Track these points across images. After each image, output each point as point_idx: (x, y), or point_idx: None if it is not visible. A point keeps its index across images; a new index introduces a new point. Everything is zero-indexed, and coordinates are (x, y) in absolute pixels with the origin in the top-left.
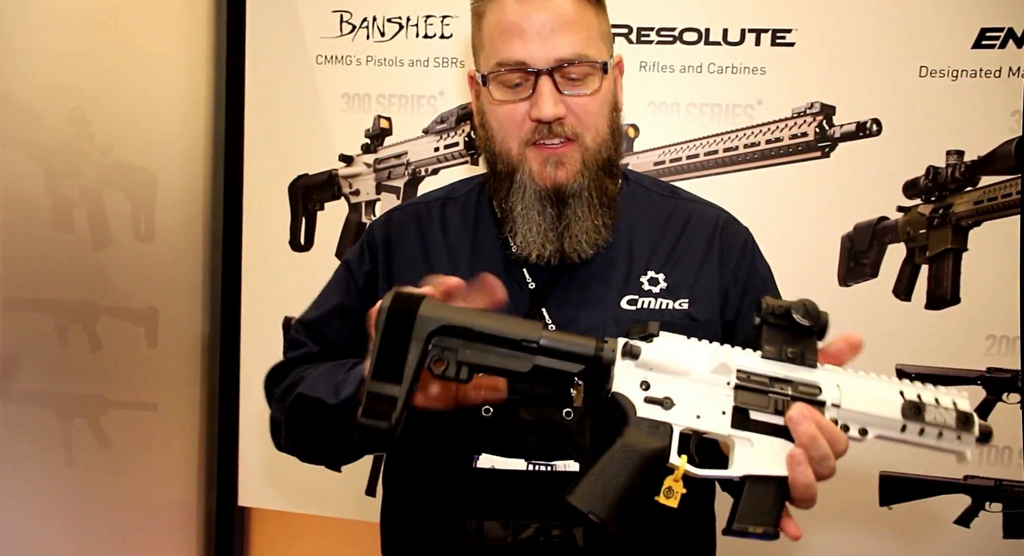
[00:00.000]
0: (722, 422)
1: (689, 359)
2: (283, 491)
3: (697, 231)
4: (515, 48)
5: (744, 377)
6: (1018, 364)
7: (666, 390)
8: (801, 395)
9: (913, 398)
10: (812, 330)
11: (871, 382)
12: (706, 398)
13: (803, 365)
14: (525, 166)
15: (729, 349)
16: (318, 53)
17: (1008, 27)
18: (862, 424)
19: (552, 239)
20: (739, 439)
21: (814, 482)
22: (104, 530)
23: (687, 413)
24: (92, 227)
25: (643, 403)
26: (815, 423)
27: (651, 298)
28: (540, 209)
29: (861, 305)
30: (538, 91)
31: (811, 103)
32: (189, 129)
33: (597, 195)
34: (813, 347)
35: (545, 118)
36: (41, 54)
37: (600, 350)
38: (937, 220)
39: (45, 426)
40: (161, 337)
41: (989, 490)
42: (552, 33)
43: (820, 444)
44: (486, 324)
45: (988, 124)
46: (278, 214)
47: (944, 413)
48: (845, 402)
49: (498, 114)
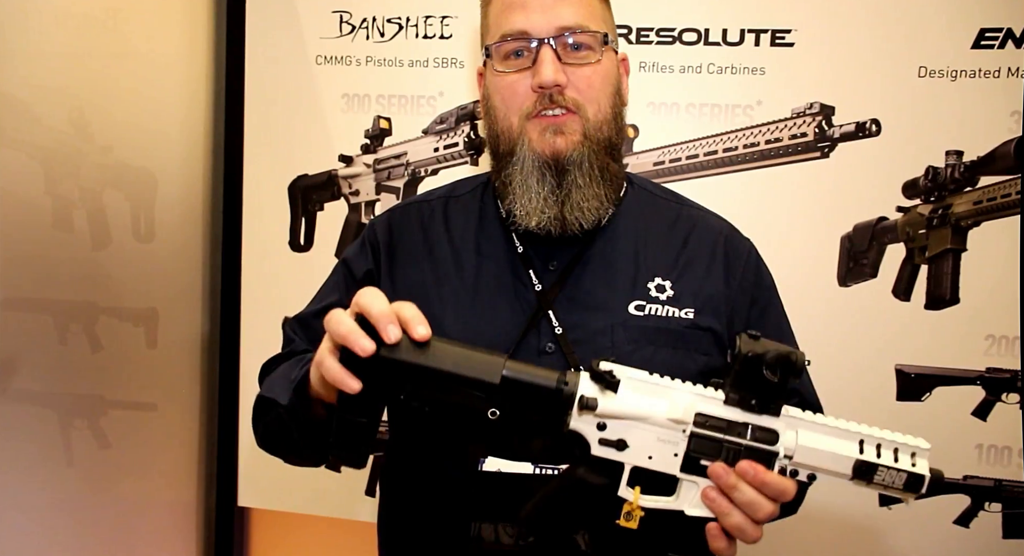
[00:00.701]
0: (673, 464)
1: (648, 407)
2: (283, 491)
3: (702, 239)
4: (517, 19)
5: (702, 420)
6: (1017, 364)
7: (622, 432)
8: (755, 443)
9: (869, 458)
10: (782, 385)
11: (832, 431)
12: (661, 441)
13: (765, 413)
14: (525, 137)
15: (693, 393)
16: (318, 53)
17: (1007, 27)
18: (812, 472)
19: (552, 205)
20: (687, 481)
21: (744, 524)
22: (104, 530)
23: (640, 454)
24: (92, 227)
25: (598, 444)
26: (756, 477)
27: (658, 305)
28: (539, 177)
29: (860, 305)
30: (539, 59)
31: (810, 103)
32: (189, 129)
33: (599, 167)
34: (781, 394)
35: (546, 83)
36: (41, 55)
37: (563, 384)
38: (936, 220)
39: (45, 426)
40: (161, 337)
41: (988, 490)
42: (555, 3)
43: (742, 491)
44: (444, 365)
45: (987, 124)
46: (278, 214)
47: (894, 475)
48: (798, 455)
49: (500, 87)
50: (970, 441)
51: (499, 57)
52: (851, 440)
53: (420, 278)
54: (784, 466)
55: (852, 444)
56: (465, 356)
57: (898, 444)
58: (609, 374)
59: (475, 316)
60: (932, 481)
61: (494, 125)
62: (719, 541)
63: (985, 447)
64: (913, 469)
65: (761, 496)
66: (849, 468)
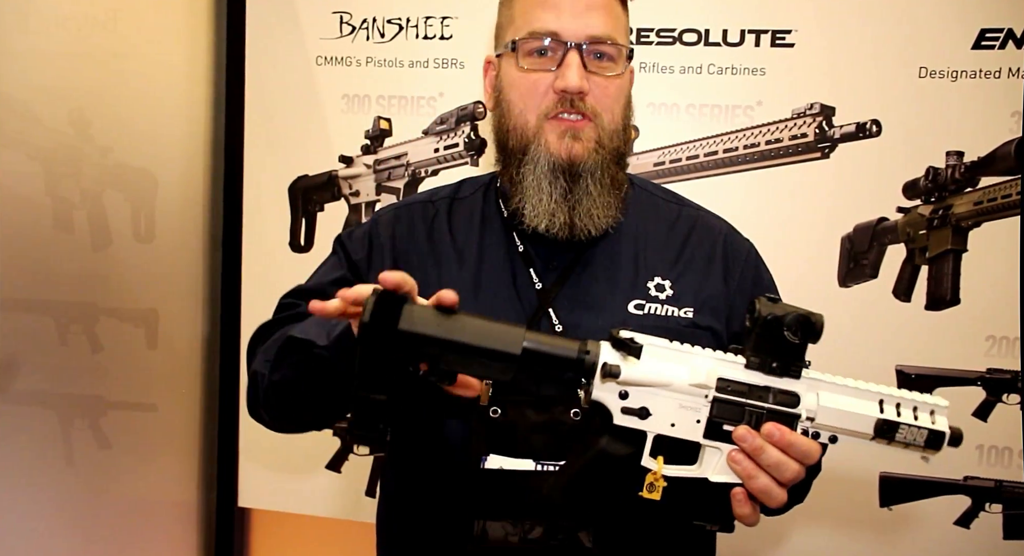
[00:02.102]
0: (696, 431)
1: (670, 373)
2: (283, 492)
3: (702, 239)
4: (549, 19)
5: (724, 385)
6: (1018, 365)
7: (644, 400)
8: (777, 406)
9: (889, 416)
10: (802, 346)
11: (852, 392)
12: (683, 408)
13: (786, 375)
14: (541, 138)
15: (714, 358)
16: (318, 54)
17: (1008, 28)
18: (833, 433)
19: (564, 210)
20: (710, 447)
21: (770, 487)
22: (104, 531)
23: (662, 422)
24: (92, 228)
25: (620, 413)
26: (782, 438)
27: (657, 304)
28: (552, 180)
29: (861, 306)
30: (566, 62)
31: (811, 104)
32: (189, 130)
33: (609, 176)
34: (801, 355)
35: (571, 88)
36: (41, 55)
37: (584, 353)
38: (937, 221)
39: (45, 427)
40: (161, 338)
41: (989, 491)
42: (587, 10)
43: (768, 453)
44: (464, 335)
45: (988, 125)
46: (278, 215)
47: (915, 432)
48: (820, 417)
49: (520, 84)
50: (971, 442)
51: (523, 53)
52: (871, 400)
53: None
54: (806, 428)
55: (872, 404)
56: (485, 328)
57: (917, 402)
58: (631, 340)
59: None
60: (952, 437)
61: (505, 119)
62: (745, 506)
63: (986, 448)
64: (933, 426)
65: (787, 457)
66: (871, 428)
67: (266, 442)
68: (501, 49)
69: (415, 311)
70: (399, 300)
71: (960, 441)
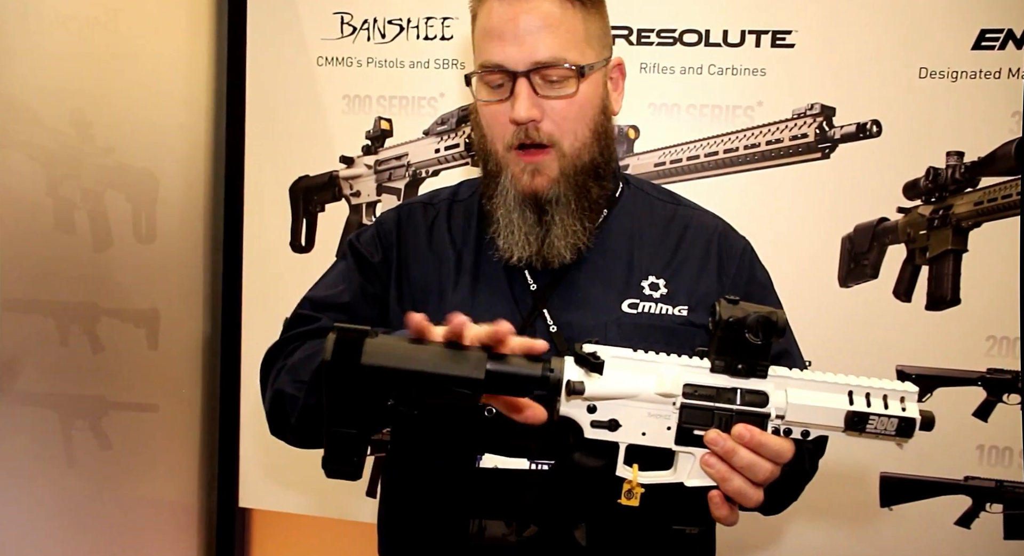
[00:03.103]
0: (667, 438)
1: (635, 384)
2: (284, 492)
3: (696, 238)
4: (494, 50)
5: (691, 391)
6: (1018, 365)
7: (612, 412)
8: (746, 407)
9: (859, 408)
10: (765, 346)
11: (821, 386)
12: (652, 416)
13: (752, 376)
14: (508, 171)
15: (679, 365)
16: (319, 55)
17: (1008, 28)
18: (804, 429)
19: (533, 242)
20: (682, 453)
21: (745, 488)
22: (105, 531)
23: (633, 432)
24: (93, 228)
25: (590, 426)
26: (752, 439)
27: (651, 303)
28: (520, 213)
29: (861, 306)
30: (515, 93)
31: (811, 104)
32: (190, 131)
33: (576, 200)
34: (765, 354)
35: (519, 119)
36: (42, 56)
37: (548, 371)
38: (937, 221)
39: (46, 427)
40: (162, 338)
41: (990, 491)
42: (529, 36)
43: (740, 455)
44: (427, 365)
45: (988, 125)
46: (279, 215)
47: (886, 422)
48: (790, 414)
49: (485, 115)
50: (971, 442)
51: (478, 86)
52: (840, 393)
53: (423, 279)
54: (777, 426)
55: (841, 396)
56: (448, 355)
57: (886, 391)
58: (592, 356)
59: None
60: (923, 421)
61: (480, 144)
62: (722, 509)
63: (986, 448)
64: (903, 413)
65: (759, 458)
66: (841, 420)
67: (266, 443)
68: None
69: (377, 345)
70: (360, 335)
71: (932, 425)
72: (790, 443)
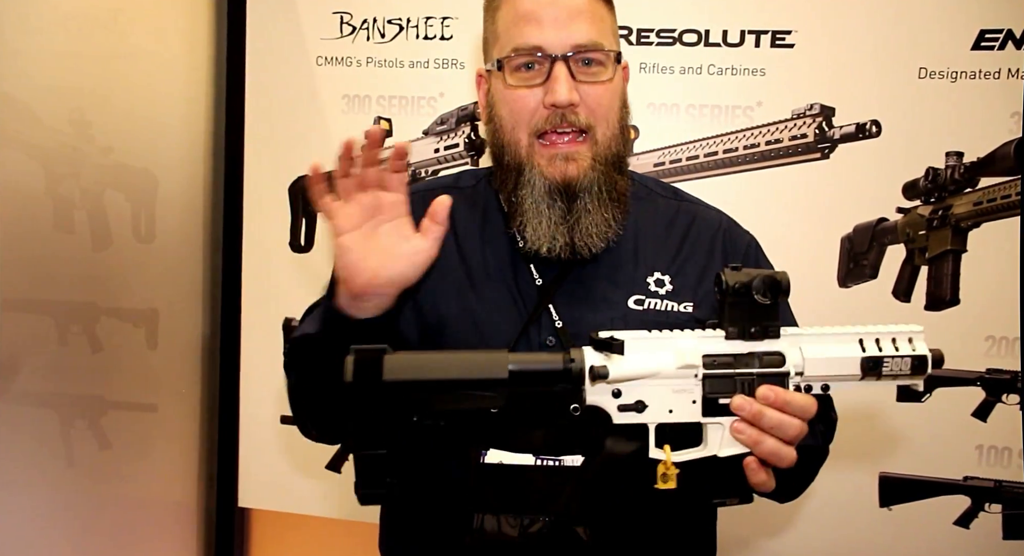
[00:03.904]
0: (694, 411)
1: (656, 362)
2: (283, 492)
3: (701, 234)
4: (531, 34)
5: (710, 361)
6: (1017, 365)
7: (637, 394)
8: (765, 369)
9: (872, 353)
10: (774, 306)
11: (832, 339)
12: (677, 391)
13: (766, 338)
14: (533, 161)
15: (695, 337)
16: (318, 54)
17: (1007, 28)
18: (824, 382)
19: (563, 232)
20: (711, 424)
21: (778, 448)
22: (104, 531)
23: (660, 410)
24: (92, 228)
25: (617, 411)
26: (778, 398)
27: (657, 300)
28: (550, 203)
29: (861, 306)
30: (553, 76)
31: (811, 104)
32: (189, 130)
33: (607, 190)
34: (775, 315)
35: (560, 103)
36: (42, 55)
37: (570, 362)
38: (936, 221)
39: (45, 427)
40: (161, 338)
41: (989, 491)
42: (569, 20)
43: (768, 416)
44: (450, 372)
45: (987, 125)
46: (278, 215)
47: (900, 362)
48: (808, 369)
49: (510, 101)
50: (970, 442)
51: (510, 70)
52: (851, 342)
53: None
54: (797, 383)
55: (853, 345)
56: (468, 360)
57: (894, 333)
58: (611, 338)
59: (477, 310)
60: (935, 359)
61: (499, 134)
62: (759, 473)
63: (985, 448)
64: (915, 351)
65: (787, 415)
66: (858, 368)
67: (266, 442)
68: (489, 65)
69: (396, 360)
70: (378, 353)
71: (942, 362)
72: (813, 399)
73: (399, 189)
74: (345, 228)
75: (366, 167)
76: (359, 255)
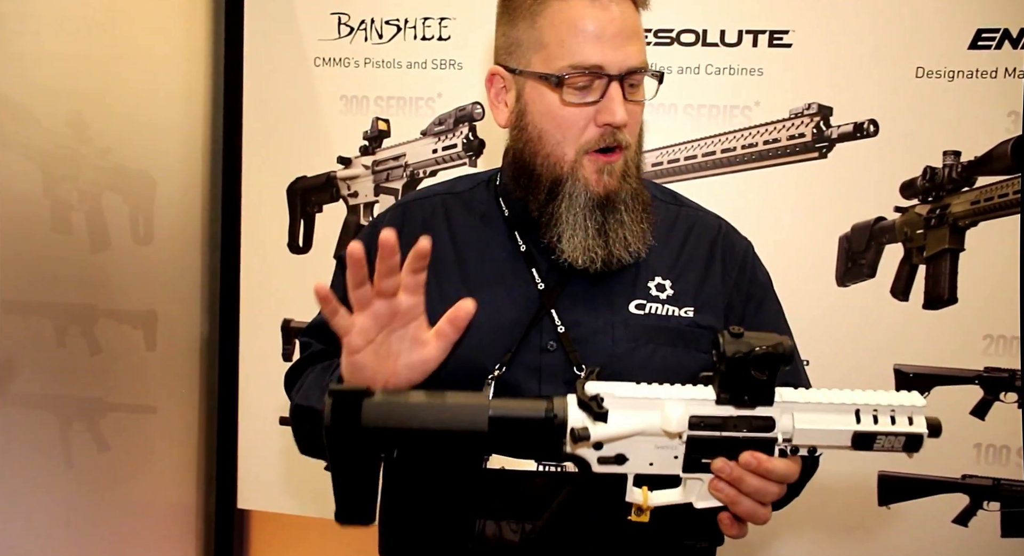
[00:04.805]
0: (675, 466)
1: (640, 423)
2: (282, 493)
3: (700, 239)
4: (593, 52)
5: (697, 422)
6: (1015, 364)
7: (619, 448)
8: (752, 434)
9: (866, 427)
10: (771, 380)
11: (827, 408)
12: (660, 448)
13: (758, 405)
14: (579, 173)
15: (684, 399)
16: (316, 55)
17: (1004, 28)
18: (812, 447)
19: (600, 244)
20: (690, 479)
21: (754, 509)
22: (103, 533)
23: (641, 463)
24: (90, 230)
25: (597, 463)
26: (760, 467)
27: (658, 304)
28: (589, 216)
29: (859, 305)
30: (609, 96)
31: (808, 104)
32: (188, 132)
33: (639, 201)
34: (771, 384)
35: (617, 123)
36: (39, 56)
37: (551, 413)
38: (934, 220)
39: (44, 429)
40: (160, 340)
41: (987, 489)
42: (626, 40)
43: (748, 481)
44: (429, 422)
45: (984, 124)
46: (276, 216)
47: (893, 440)
48: (797, 438)
49: (559, 117)
50: (969, 440)
51: (568, 86)
52: (847, 412)
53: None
54: (784, 448)
55: (848, 416)
56: (449, 408)
57: (894, 406)
58: (596, 402)
59: (478, 314)
60: (931, 432)
61: (535, 145)
62: (732, 529)
63: (984, 446)
64: (910, 429)
65: (767, 482)
66: (848, 440)
67: (265, 444)
68: (520, 67)
69: (375, 405)
70: (357, 396)
71: (939, 432)
72: (797, 463)
73: (417, 292)
74: (360, 347)
75: (382, 279)
76: (372, 371)
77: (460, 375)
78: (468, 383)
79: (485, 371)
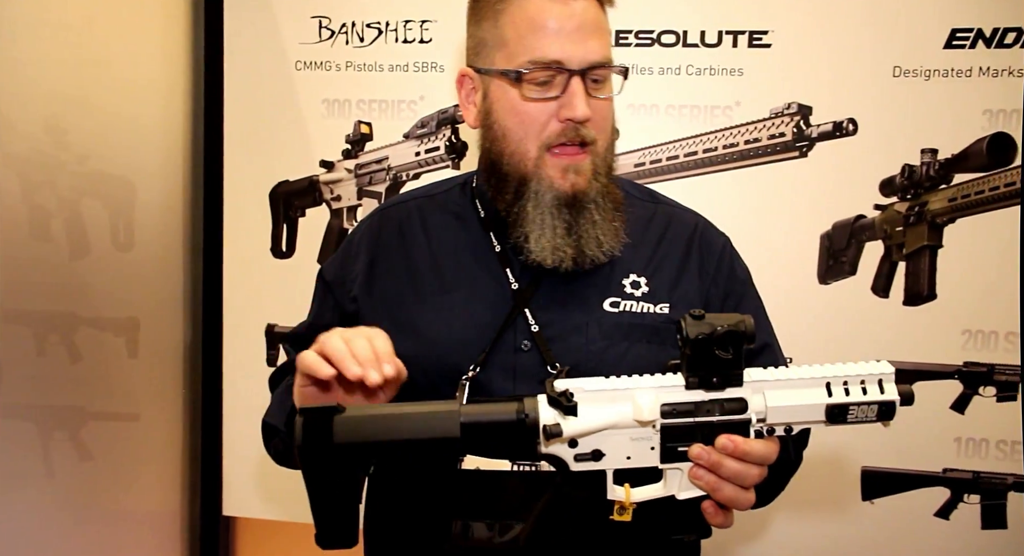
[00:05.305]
0: (652, 457)
1: (613, 415)
2: (267, 500)
3: (677, 235)
4: (551, 48)
5: (670, 409)
6: (994, 358)
7: (594, 444)
8: (726, 417)
9: (838, 399)
10: (737, 358)
11: (798, 383)
12: (635, 439)
13: (728, 386)
14: (543, 172)
15: (654, 387)
16: (297, 59)
17: (978, 28)
18: (787, 426)
19: (570, 243)
20: (670, 470)
21: (736, 494)
22: (87, 543)
23: (618, 458)
24: (70, 237)
25: (574, 461)
26: (737, 449)
27: (633, 301)
28: (556, 214)
29: (840, 303)
30: (570, 91)
31: (788, 104)
32: (168, 136)
33: (610, 200)
34: (739, 364)
35: (578, 118)
36: (16, 62)
37: (522, 414)
38: (913, 218)
39: (24, 439)
40: (142, 347)
41: (967, 482)
42: (587, 35)
43: (727, 466)
44: (402, 432)
45: (960, 123)
46: (259, 221)
47: (866, 409)
48: (770, 417)
49: (521, 112)
50: (949, 434)
51: (527, 81)
52: (818, 386)
53: (396, 285)
54: (760, 429)
55: (820, 390)
56: (421, 417)
57: (863, 376)
58: (565, 397)
59: (452, 315)
60: (903, 399)
61: (500, 143)
62: (717, 517)
63: (963, 440)
64: (882, 397)
65: (746, 464)
66: (822, 414)
67: (250, 450)
68: (485, 66)
69: (346, 421)
70: (327, 414)
71: (912, 400)
72: (775, 443)
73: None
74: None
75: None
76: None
77: (435, 376)
78: (443, 384)
79: (460, 372)
